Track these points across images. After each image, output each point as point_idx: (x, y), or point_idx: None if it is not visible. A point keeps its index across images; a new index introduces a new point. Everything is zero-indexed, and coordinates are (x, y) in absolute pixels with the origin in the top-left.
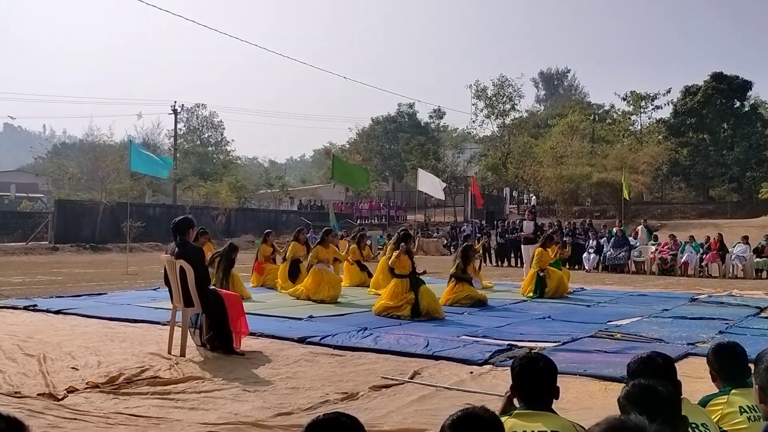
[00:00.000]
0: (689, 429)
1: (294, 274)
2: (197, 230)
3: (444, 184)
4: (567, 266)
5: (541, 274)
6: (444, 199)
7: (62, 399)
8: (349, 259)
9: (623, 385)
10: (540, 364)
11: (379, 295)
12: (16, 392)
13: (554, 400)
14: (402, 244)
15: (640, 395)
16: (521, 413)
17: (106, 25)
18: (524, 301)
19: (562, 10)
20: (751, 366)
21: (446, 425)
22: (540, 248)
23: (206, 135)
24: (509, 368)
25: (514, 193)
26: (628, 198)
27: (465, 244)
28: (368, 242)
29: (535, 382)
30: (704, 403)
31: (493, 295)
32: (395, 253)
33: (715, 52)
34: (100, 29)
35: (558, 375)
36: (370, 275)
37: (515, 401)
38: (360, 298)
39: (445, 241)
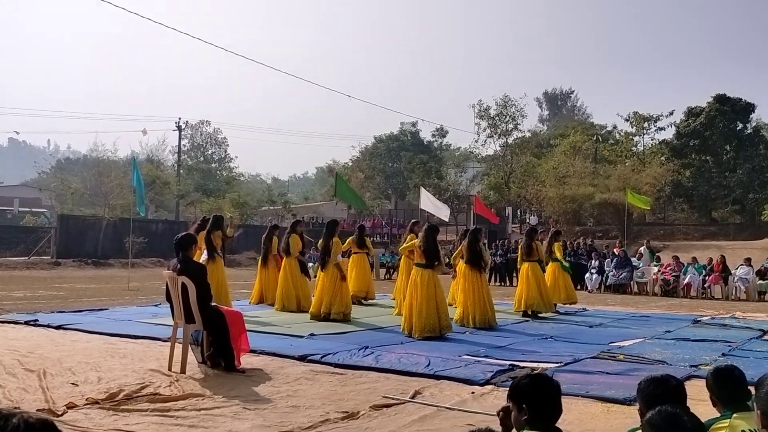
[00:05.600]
0: None
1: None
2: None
3: (446, 206)
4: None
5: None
6: (448, 219)
7: (62, 415)
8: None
9: (626, 406)
10: (553, 383)
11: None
12: (15, 407)
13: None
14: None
15: (665, 423)
16: None
17: (113, 41)
18: (526, 320)
19: (566, 32)
20: (751, 389)
21: None
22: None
23: (210, 151)
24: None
25: (517, 213)
26: (648, 207)
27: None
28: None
29: (543, 401)
30: (707, 427)
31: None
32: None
33: (718, 74)
34: (106, 45)
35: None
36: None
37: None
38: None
39: (447, 260)
